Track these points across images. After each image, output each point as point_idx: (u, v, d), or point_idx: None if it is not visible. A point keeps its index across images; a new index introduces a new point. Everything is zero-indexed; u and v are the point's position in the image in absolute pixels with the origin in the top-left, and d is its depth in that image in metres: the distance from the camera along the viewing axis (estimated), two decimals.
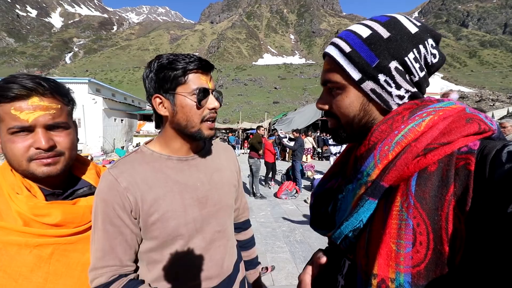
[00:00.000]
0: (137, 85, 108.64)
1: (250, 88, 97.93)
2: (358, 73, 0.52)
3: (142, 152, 0.78)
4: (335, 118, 0.58)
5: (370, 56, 0.51)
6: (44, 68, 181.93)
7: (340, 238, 0.55)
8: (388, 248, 0.44)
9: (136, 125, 23.12)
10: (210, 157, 0.87)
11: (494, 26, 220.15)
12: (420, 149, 0.45)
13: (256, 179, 6.59)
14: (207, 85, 0.73)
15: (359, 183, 0.52)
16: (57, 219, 0.69)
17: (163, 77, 0.71)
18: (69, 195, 0.78)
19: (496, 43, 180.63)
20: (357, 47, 0.52)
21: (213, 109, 0.74)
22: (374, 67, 0.51)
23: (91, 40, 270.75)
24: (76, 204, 0.75)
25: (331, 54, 0.55)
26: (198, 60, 0.71)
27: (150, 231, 0.71)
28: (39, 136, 0.68)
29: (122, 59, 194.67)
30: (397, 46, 0.50)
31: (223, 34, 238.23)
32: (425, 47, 0.51)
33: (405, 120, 0.49)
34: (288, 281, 2.84)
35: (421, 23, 0.53)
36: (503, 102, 33.94)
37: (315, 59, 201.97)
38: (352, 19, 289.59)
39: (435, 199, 0.42)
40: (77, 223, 0.73)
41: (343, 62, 0.53)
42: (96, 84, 21.96)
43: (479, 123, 0.44)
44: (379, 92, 0.52)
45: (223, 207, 0.84)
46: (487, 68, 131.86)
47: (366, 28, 0.54)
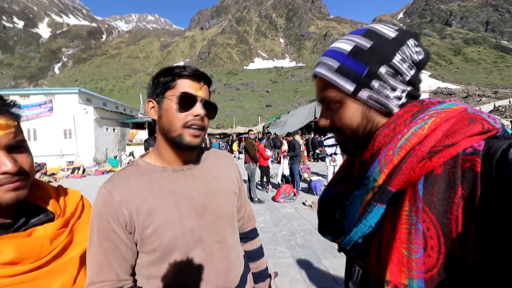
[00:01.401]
0: (128, 93, 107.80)
1: (243, 93, 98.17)
2: (352, 84, 0.53)
3: (138, 165, 0.78)
4: (340, 131, 0.58)
5: (359, 66, 0.53)
6: (33, 79, 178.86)
7: (350, 244, 0.55)
8: (399, 254, 0.44)
9: (129, 133, 22.79)
10: (208, 165, 0.86)
11: (477, 24, 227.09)
12: (425, 152, 0.45)
13: (253, 184, 6.55)
14: (195, 92, 0.73)
15: (366, 188, 0.52)
16: (9, 256, 0.60)
17: (157, 83, 0.74)
18: (21, 226, 0.68)
19: (479, 41, 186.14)
20: (345, 60, 0.54)
21: (198, 116, 0.73)
22: (365, 75, 0.52)
23: (80, 49, 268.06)
24: (32, 236, 0.66)
25: (321, 72, 0.57)
26: (191, 69, 0.74)
27: (147, 244, 0.70)
28: (3, 159, 0.60)
29: (112, 68, 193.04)
30: (382, 52, 0.52)
31: (213, 40, 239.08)
32: (408, 47, 0.52)
33: (407, 123, 0.49)
34: (292, 286, 2.79)
35: (398, 27, 0.55)
36: (489, 97, 34.89)
37: (305, 61, 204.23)
38: (340, 21, 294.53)
39: (443, 202, 0.42)
40: (35, 257, 0.64)
41: (334, 78, 0.54)
42: (87, 94, 21.63)
43: (482, 123, 0.44)
44: (376, 97, 0.53)
45: (223, 215, 0.82)
46: (472, 65, 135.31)
47: (348, 42, 0.55)
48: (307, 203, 5.99)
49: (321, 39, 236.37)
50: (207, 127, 0.77)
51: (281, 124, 16.32)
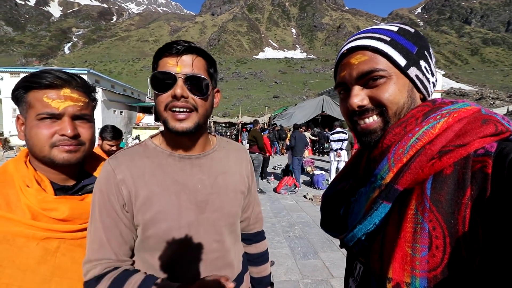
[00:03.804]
0: (137, 76, 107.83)
1: (251, 82, 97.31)
2: (404, 59, 0.52)
3: (146, 146, 0.76)
4: (379, 111, 0.54)
5: (409, 44, 0.53)
6: (43, 58, 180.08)
7: (353, 241, 0.55)
8: (403, 252, 0.43)
9: (136, 117, 22.97)
10: (218, 157, 0.81)
11: (497, 24, 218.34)
12: (435, 152, 0.44)
13: (257, 174, 6.60)
14: (172, 69, 0.66)
15: (373, 186, 0.51)
16: (64, 214, 0.70)
17: (152, 66, 0.72)
18: (78, 190, 0.79)
19: (499, 41, 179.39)
20: (395, 37, 0.53)
21: (176, 97, 0.66)
22: (416, 53, 0.52)
23: (90, 30, 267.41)
24: (84, 200, 0.76)
25: (370, 44, 0.53)
26: (170, 42, 0.68)
27: (144, 229, 0.68)
28: (66, 124, 0.72)
29: (122, 50, 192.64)
30: (424, 39, 0.55)
31: (224, 26, 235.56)
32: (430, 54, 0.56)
33: (419, 122, 0.49)
34: (288, 276, 2.85)
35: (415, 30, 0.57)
36: (503, 100, 33.92)
37: (317, 53, 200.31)
38: (355, 13, 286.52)
39: (451, 203, 0.41)
40: (84, 219, 0.73)
41: (387, 49, 0.52)
42: (95, 75, 21.73)
43: (496, 124, 0.43)
44: (421, 78, 0.53)
45: (224, 215, 0.77)
46: (488, 66, 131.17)
47: (389, 25, 0.55)
48: (308, 196, 6.03)
49: (334, 31, 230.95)
50: (198, 106, 0.69)
51: (288, 116, 16.19)
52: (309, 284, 2.70)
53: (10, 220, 0.66)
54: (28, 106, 0.71)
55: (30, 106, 0.70)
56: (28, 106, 0.71)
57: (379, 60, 0.53)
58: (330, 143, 7.21)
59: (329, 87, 45.52)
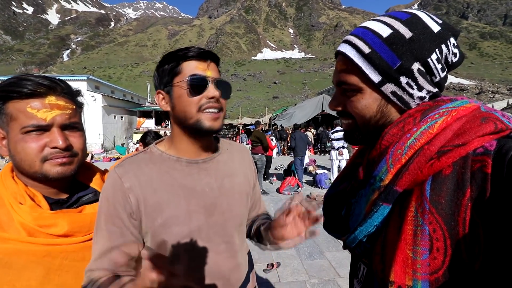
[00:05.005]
0: (136, 81, 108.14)
1: (250, 83, 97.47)
2: (378, 75, 0.50)
3: (151, 152, 0.75)
4: (351, 118, 0.56)
5: (391, 58, 0.49)
6: (42, 66, 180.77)
7: (355, 243, 0.54)
8: (404, 255, 0.43)
9: (136, 122, 23.02)
10: (223, 160, 0.82)
11: (494, 18, 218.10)
12: (433, 152, 0.43)
13: (260, 175, 6.59)
14: (203, 73, 0.68)
15: (372, 188, 0.51)
16: (64, 229, 0.67)
17: (162, 71, 0.70)
18: (73, 203, 0.75)
19: (496, 35, 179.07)
20: (377, 47, 0.49)
21: (213, 98, 0.69)
22: (396, 69, 0.49)
23: (88, 36, 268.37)
24: (82, 212, 0.73)
25: (348, 54, 0.52)
26: (195, 49, 0.69)
27: (156, 235, 0.68)
28: (56, 135, 0.66)
29: (120, 56, 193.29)
30: (420, 46, 0.48)
31: (221, 29, 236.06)
32: (447, 46, 0.49)
33: (417, 122, 0.47)
34: (294, 277, 2.84)
35: (443, 21, 0.50)
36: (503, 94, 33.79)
37: (315, 53, 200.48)
38: (352, 12, 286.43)
39: (451, 204, 0.41)
40: (85, 232, 0.71)
41: (361, 64, 0.50)
42: (95, 81, 21.75)
43: (495, 122, 0.42)
44: (400, 94, 0.50)
45: (233, 216, 0.78)
46: (487, 60, 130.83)
47: (385, 26, 0.50)
48: (312, 195, 6.01)
49: (332, 30, 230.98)
50: (225, 108, 0.74)
51: (288, 116, 16.19)
52: (316, 285, 2.69)
53: (5, 240, 0.61)
54: (10, 118, 0.64)
55: (12, 119, 0.64)
56: (10, 118, 0.64)
57: (352, 74, 0.52)
58: (331, 141, 7.20)
59: (328, 86, 45.51)
